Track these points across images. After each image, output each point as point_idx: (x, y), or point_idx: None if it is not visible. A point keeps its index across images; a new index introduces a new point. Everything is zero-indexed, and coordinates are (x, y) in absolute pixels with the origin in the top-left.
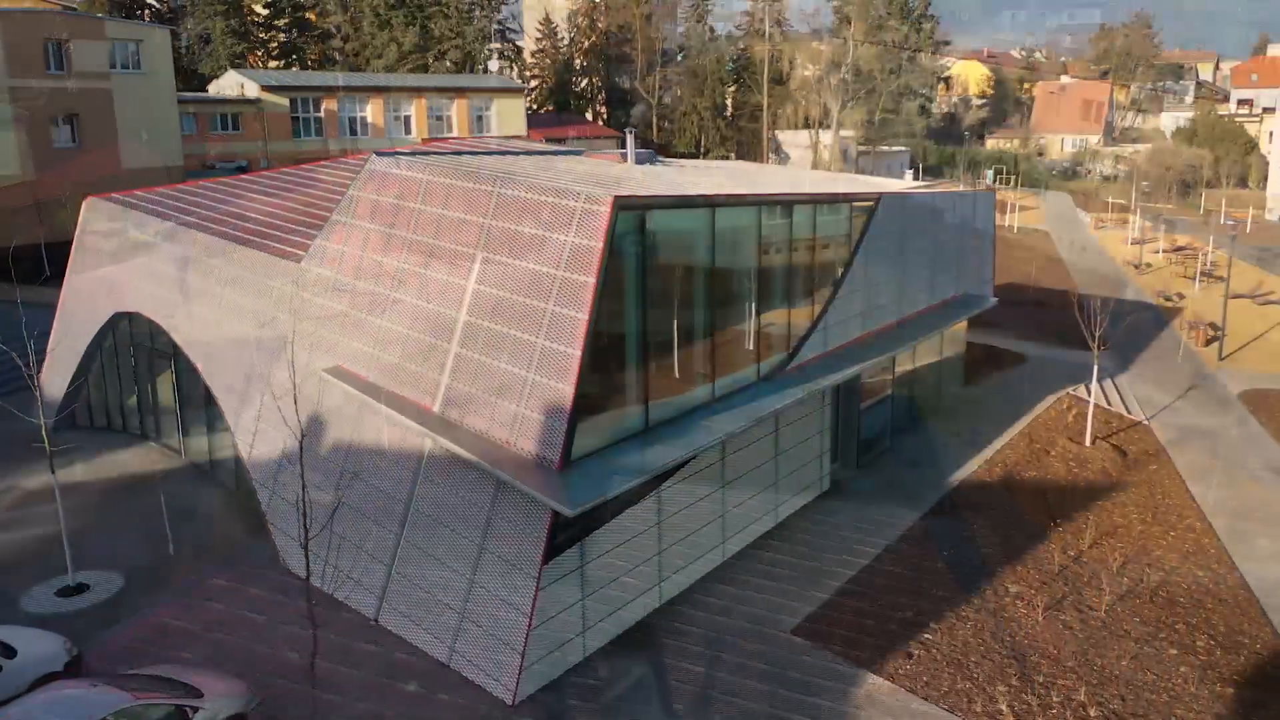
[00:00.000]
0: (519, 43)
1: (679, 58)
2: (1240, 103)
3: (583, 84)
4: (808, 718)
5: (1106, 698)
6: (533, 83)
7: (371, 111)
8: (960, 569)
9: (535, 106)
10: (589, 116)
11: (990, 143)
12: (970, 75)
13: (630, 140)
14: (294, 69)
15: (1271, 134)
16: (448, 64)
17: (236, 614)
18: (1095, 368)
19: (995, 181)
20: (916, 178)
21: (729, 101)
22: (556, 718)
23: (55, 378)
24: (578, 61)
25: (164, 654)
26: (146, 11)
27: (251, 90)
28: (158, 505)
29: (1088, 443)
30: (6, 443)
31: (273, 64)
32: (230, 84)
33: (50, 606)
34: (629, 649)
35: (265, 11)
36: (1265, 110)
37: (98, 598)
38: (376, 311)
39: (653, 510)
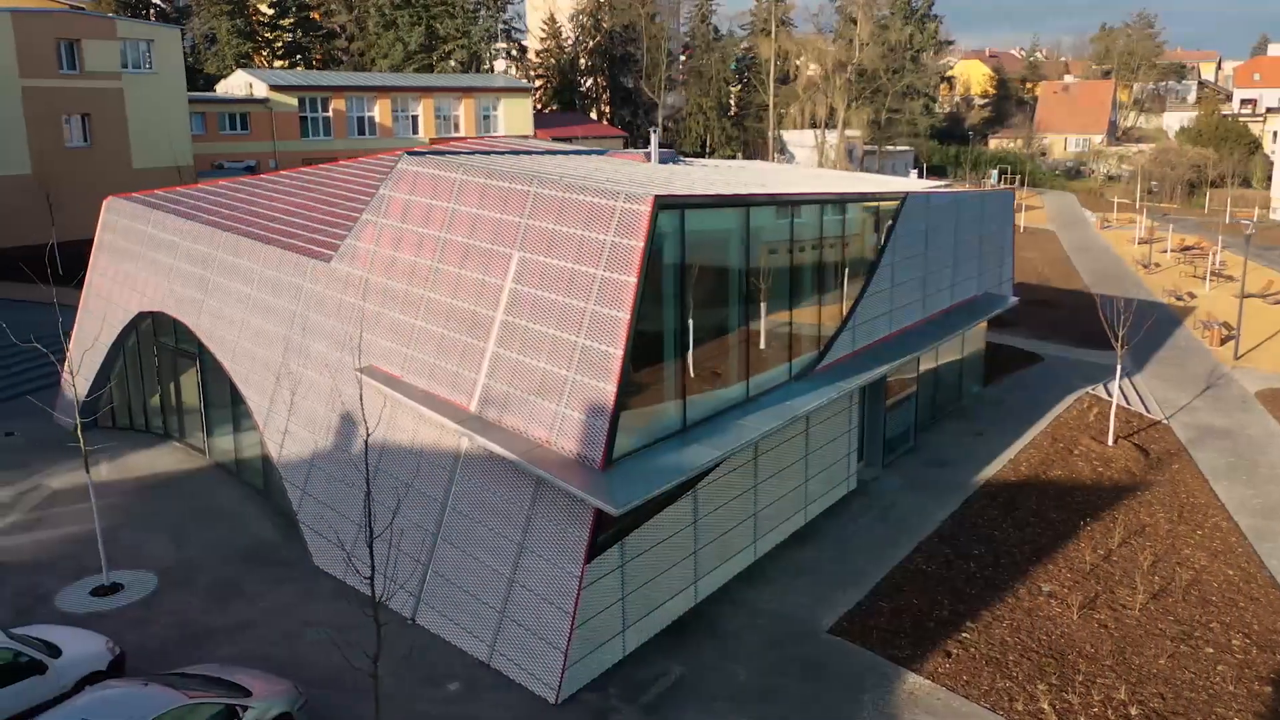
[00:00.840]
0: (524, 42)
1: (682, 57)
2: (1243, 102)
3: (587, 83)
4: (851, 717)
5: (1146, 696)
6: (537, 82)
7: (379, 111)
8: (992, 567)
9: (540, 106)
10: (594, 116)
11: (994, 142)
12: (973, 74)
13: (654, 140)
14: (299, 69)
15: (1276, 134)
16: (453, 64)
17: (268, 613)
18: (1119, 368)
19: (999, 182)
20: (920, 177)
21: (733, 101)
22: (600, 717)
23: (78, 378)
24: (583, 61)
25: (200, 654)
26: (151, 11)
27: (260, 90)
28: (186, 505)
29: (1110, 442)
30: (30, 443)
31: (278, 63)
32: (238, 84)
33: (85, 606)
34: (667, 648)
35: (270, 11)
36: (1269, 110)
37: (133, 596)
38: (410, 310)
39: (689, 509)
